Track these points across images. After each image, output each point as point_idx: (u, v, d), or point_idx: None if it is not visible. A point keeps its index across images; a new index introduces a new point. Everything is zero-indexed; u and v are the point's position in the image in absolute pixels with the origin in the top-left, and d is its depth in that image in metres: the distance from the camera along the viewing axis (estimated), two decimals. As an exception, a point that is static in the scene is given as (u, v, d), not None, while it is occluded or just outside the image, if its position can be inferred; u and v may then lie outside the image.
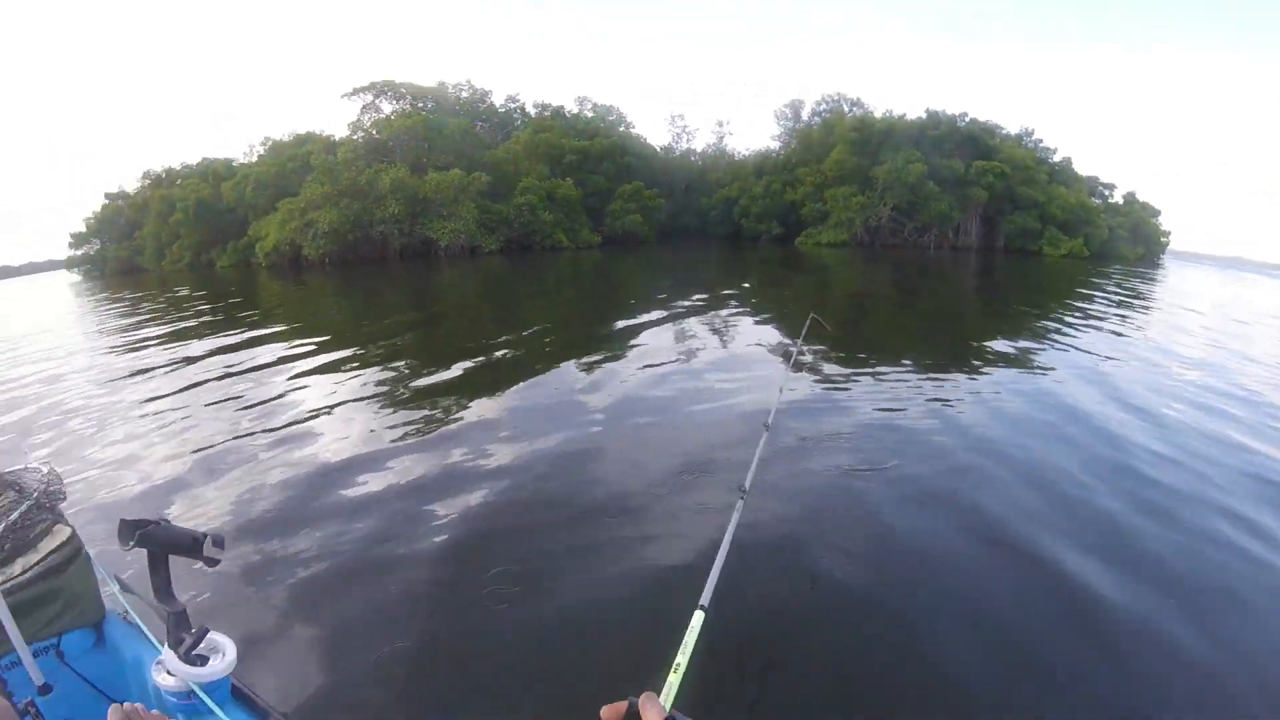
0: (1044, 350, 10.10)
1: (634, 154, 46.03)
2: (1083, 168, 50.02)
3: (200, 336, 12.98)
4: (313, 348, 10.96)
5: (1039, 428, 6.14)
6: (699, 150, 53.71)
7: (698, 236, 47.89)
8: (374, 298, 20.74)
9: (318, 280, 27.86)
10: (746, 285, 18.94)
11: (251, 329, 13.73)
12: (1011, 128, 49.13)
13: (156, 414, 7.54)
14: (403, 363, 9.33)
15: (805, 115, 53.43)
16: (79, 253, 51.16)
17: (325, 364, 9.59)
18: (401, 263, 33.76)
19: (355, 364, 9.43)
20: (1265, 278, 45.88)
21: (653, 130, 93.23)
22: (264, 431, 6.41)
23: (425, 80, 44.33)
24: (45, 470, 2.35)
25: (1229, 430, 6.21)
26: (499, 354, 9.53)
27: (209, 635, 1.70)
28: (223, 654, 1.68)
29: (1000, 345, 10.47)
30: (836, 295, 18.59)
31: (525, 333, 11.44)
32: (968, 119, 46.70)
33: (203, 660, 1.65)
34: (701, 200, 48.17)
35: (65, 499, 2.33)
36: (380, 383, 8.19)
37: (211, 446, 6.02)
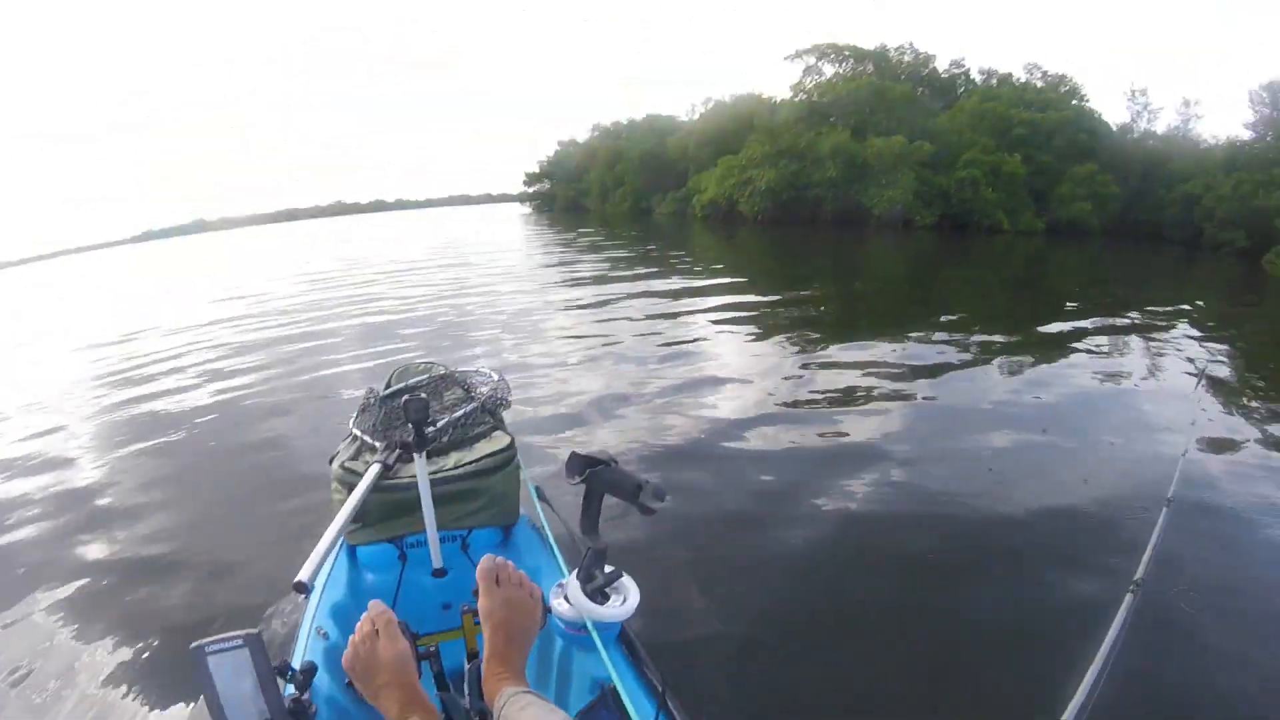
0: None
1: (1088, 130, 42.01)
2: None
3: (647, 278, 15.00)
4: (737, 300, 11.90)
5: None
6: (1159, 132, 46.19)
7: (1149, 236, 41.33)
8: (802, 260, 21.35)
9: (749, 235, 29.17)
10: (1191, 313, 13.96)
11: (685, 277, 15.55)
12: None
13: (599, 344, 8.85)
14: (817, 332, 9.67)
15: (1293, 99, 42.94)
16: (531, 189, 59.88)
17: (744, 317, 10.34)
18: (832, 227, 34.18)
19: (774, 324, 10.05)
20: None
21: (1108, 105, 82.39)
22: (680, 380, 7.13)
23: (867, 43, 43.78)
24: (496, 378, 2.47)
25: None
26: (921, 341, 9.30)
27: (621, 579, 1.69)
28: (625, 598, 1.66)
29: None
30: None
31: (950, 323, 10.78)
32: None
33: (604, 598, 1.65)
34: (1159, 193, 41.65)
35: (509, 407, 2.41)
36: (790, 346, 8.71)
37: (637, 387, 6.82)
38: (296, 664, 1.39)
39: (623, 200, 48.47)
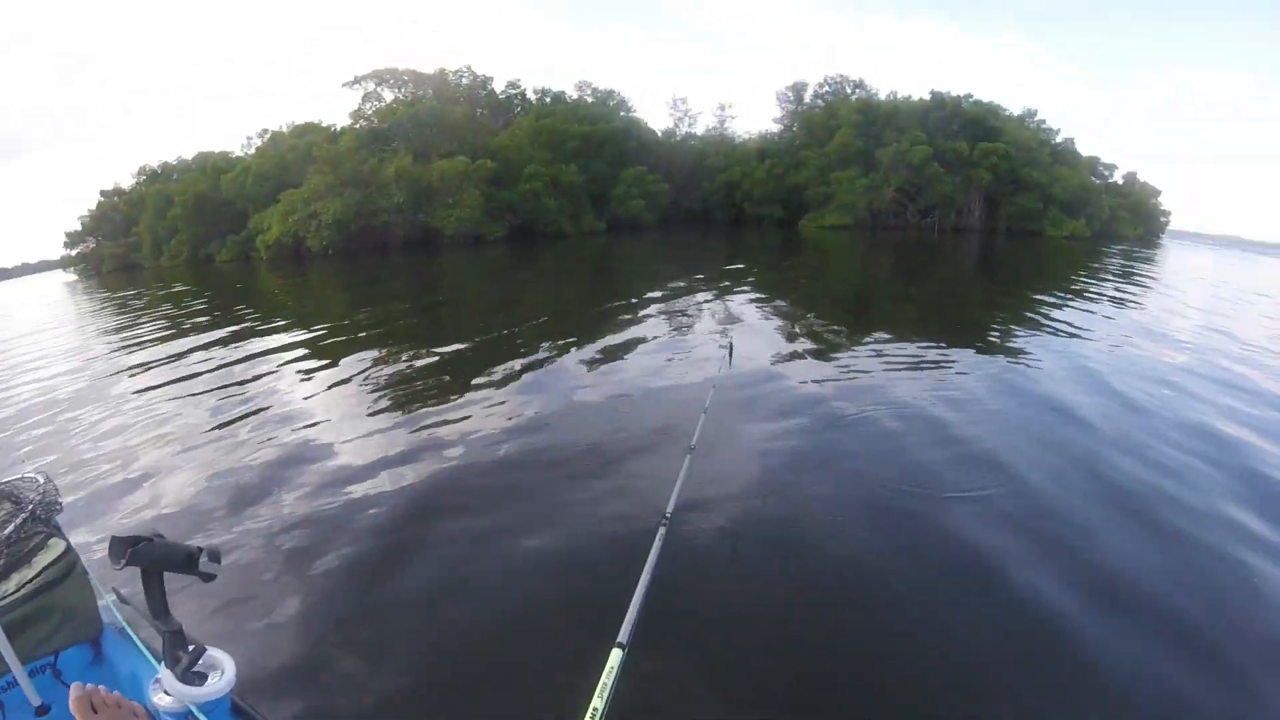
0: (1036, 335, 10.28)
1: (636, 139, 47.69)
2: (1084, 148, 50.68)
3: (199, 331, 13.61)
4: (312, 338, 11.64)
5: (1005, 414, 6.28)
6: (700, 134, 53.96)
7: (699, 221, 49.20)
8: (377, 288, 21.35)
9: (321, 272, 28.58)
10: (746, 270, 19.01)
11: (252, 322, 14.49)
12: (1014, 109, 50.30)
13: (149, 412, 7.88)
14: (397, 352, 9.84)
15: (808, 98, 54.39)
16: (74, 252, 51.13)
17: (322, 353, 10.19)
18: (405, 252, 34.70)
19: (351, 353, 9.96)
20: (1262, 256, 47.26)
21: (654, 114, 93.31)
22: (262, 430, 6.75)
23: (425, 68, 44.71)
24: (42, 480, 2.31)
25: (1212, 420, 6.26)
26: (494, 344, 9.96)
27: (208, 653, 1.69)
28: (221, 671, 1.68)
29: (994, 331, 10.83)
30: (838, 277, 19.78)
31: (525, 323, 11.71)
32: (971, 100, 48.54)
33: (201, 679, 1.65)
34: (703, 184, 49.12)
35: (61, 510, 2.27)
36: (371, 372, 8.75)
37: (204, 444, 6.38)
38: None
39: (179, 251, 43.06)
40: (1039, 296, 14.67)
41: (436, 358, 9.26)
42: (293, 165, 39.33)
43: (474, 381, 7.73)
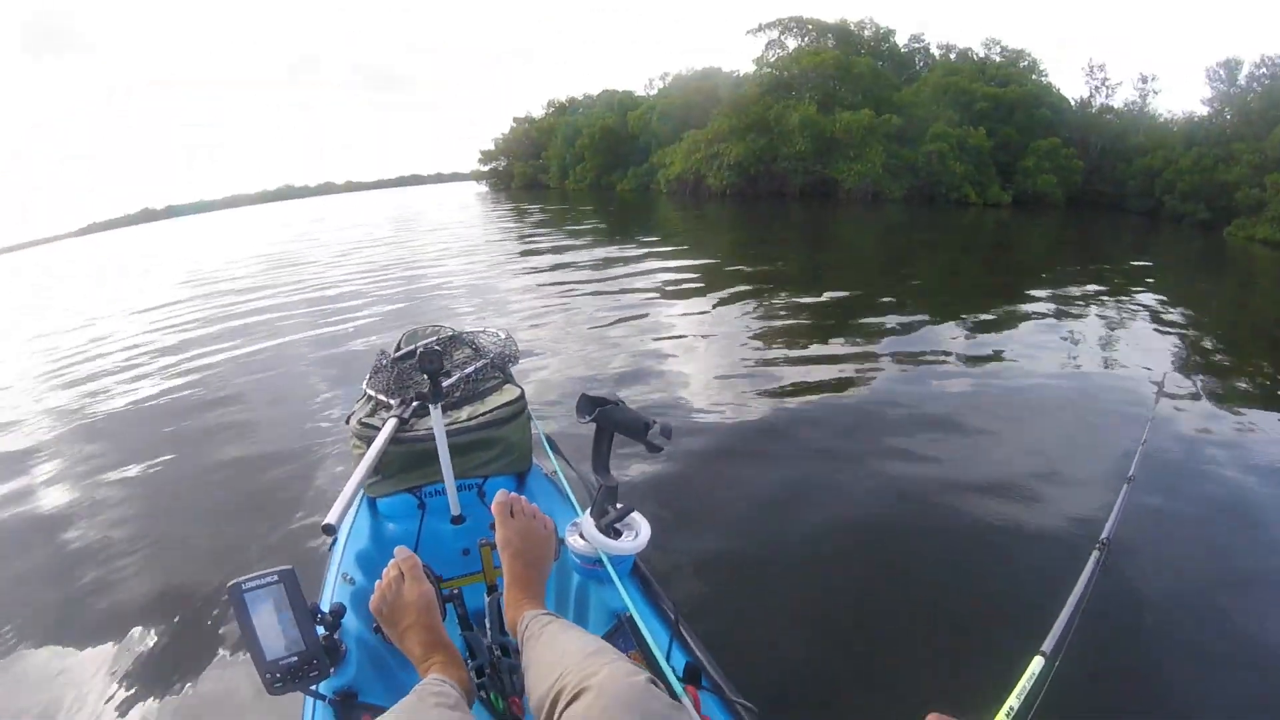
0: None
1: (1048, 106, 44.36)
2: None
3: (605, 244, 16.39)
4: (708, 275, 12.28)
5: None
6: (1117, 107, 47.96)
7: (1110, 208, 43.78)
8: (770, 231, 22.15)
9: (717, 210, 29.87)
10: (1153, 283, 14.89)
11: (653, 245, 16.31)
12: None
13: (589, 312, 9.41)
14: (782, 304, 10.15)
15: (1242, 79, 45.61)
16: (486, 168, 59.18)
17: (716, 291, 10.76)
18: (801, 201, 35.22)
19: (733, 286, 10.96)
20: None
21: (1067, 80, 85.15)
22: (664, 344, 7.70)
23: (827, 17, 44.94)
24: (504, 336, 2.69)
25: None
26: (881, 318, 9.50)
27: (632, 515, 1.81)
28: (636, 533, 1.77)
29: None
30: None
31: (921, 298, 11.25)
32: None
33: (616, 535, 1.75)
34: (1119, 166, 43.93)
35: (518, 363, 2.62)
36: (763, 318, 9.29)
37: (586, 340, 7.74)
38: (325, 607, 1.48)
39: (584, 176, 48.36)
40: None
41: (816, 311, 9.71)
42: (696, 107, 41.94)
43: (851, 341, 8.08)
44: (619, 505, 1.79)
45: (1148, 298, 12.85)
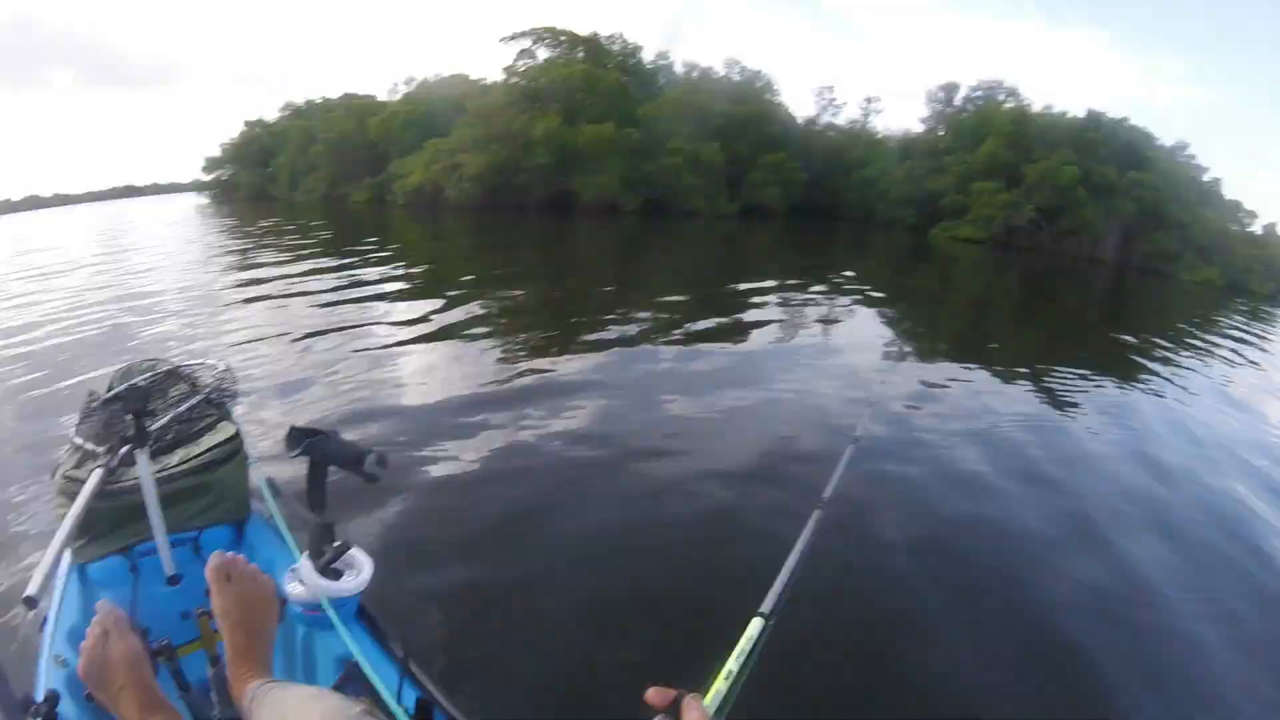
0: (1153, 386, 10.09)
1: (779, 123, 49.55)
2: (1229, 191, 48.53)
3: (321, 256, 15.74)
4: (442, 293, 11.91)
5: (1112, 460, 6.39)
6: (842, 125, 53.41)
7: (828, 216, 50.28)
8: (510, 243, 22.44)
9: (455, 224, 29.61)
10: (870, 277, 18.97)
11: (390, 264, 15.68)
12: (1165, 139, 47.46)
13: (307, 335, 8.90)
14: (514, 314, 10.58)
15: (958, 100, 53.19)
16: (209, 177, 54.16)
17: (449, 311, 10.57)
18: (540, 213, 36.05)
19: (474, 300, 11.08)
20: None
21: (798, 99, 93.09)
22: (390, 367, 7.57)
23: (579, 29, 46.90)
24: (221, 368, 2.58)
25: None
26: (617, 317, 10.25)
27: (351, 551, 1.79)
28: (358, 572, 1.77)
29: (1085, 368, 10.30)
30: (967, 297, 19.93)
31: (657, 299, 12.21)
32: (1126, 124, 48.25)
33: (337, 575, 1.74)
34: (838, 178, 50.32)
35: (236, 399, 2.50)
36: (498, 338, 9.17)
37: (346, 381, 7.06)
38: (39, 695, 1.40)
39: (315, 187, 45.50)
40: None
41: (553, 320, 10.13)
42: (440, 115, 41.58)
43: (591, 340, 8.71)
44: (336, 543, 1.73)
45: (861, 289, 15.60)
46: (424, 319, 9.96)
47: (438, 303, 10.93)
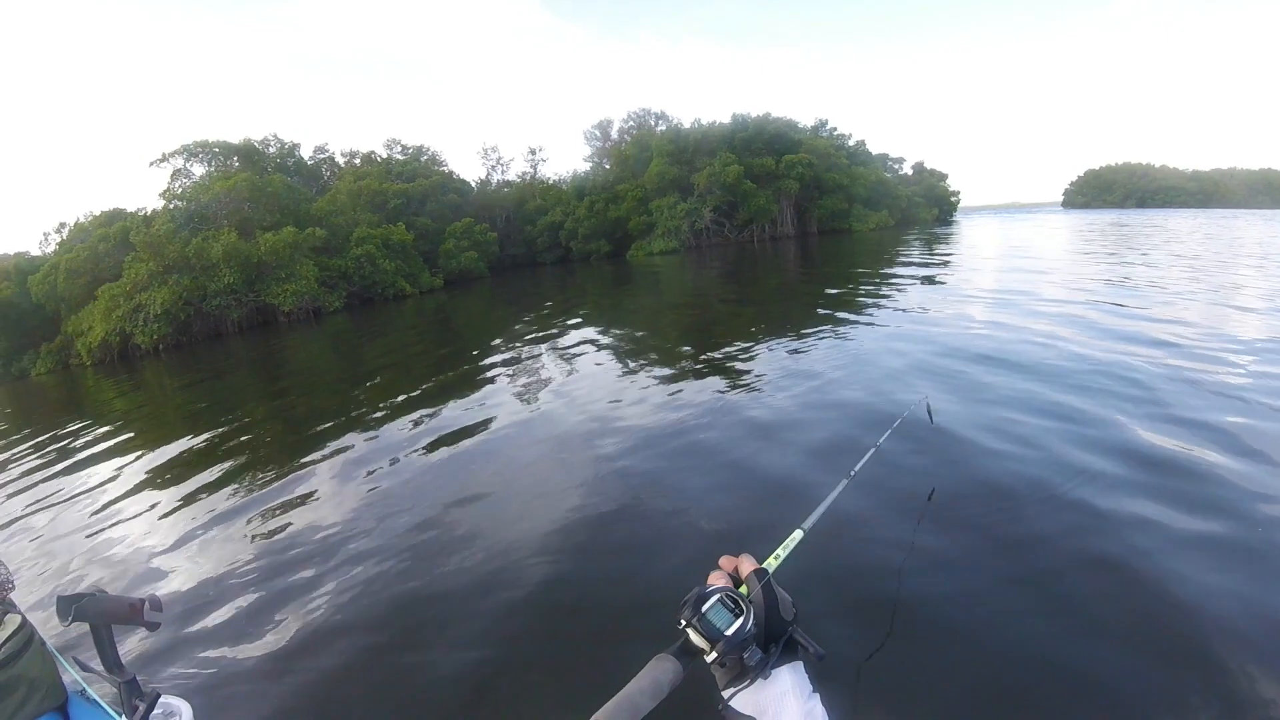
0: (847, 319, 12.93)
1: (455, 191, 54.16)
2: (875, 147, 60.31)
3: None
4: (162, 449, 10.90)
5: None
6: (514, 180, 59.75)
7: (528, 265, 55.50)
8: (219, 377, 20.97)
9: (154, 371, 27.75)
10: (583, 311, 20.57)
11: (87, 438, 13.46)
12: (808, 121, 58.88)
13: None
14: (243, 453, 9.70)
15: (615, 134, 60.46)
16: None
17: (180, 463, 9.80)
18: (243, 336, 35.49)
19: (205, 460, 9.72)
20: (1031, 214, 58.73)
21: (465, 164, 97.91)
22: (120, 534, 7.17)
23: (230, 137, 48.62)
24: None
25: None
26: (350, 425, 9.93)
27: (162, 699, 1.88)
28: (178, 717, 1.90)
29: (819, 320, 13.31)
30: (671, 301, 22.68)
31: (385, 396, 11.80)
32: (772, 118, 56.91)
33: None
34: (526, 229, 55.96)
35: (14, 588, 2.42)
36: (216, 476, 8.59)
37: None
38: None
39: (-12, 369, 41.56)
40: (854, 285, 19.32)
41: (291, 450, 9.36)
42: (106, 257, 40.04)
43: (339, 456, 8.27)
44: (145, 696, 1.79)
45: (582, 323, 17.17)
46: (154, 483, 8.92)
47: (160, 455, 10.26)
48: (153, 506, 7.91)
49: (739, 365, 9.89)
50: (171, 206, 42.56)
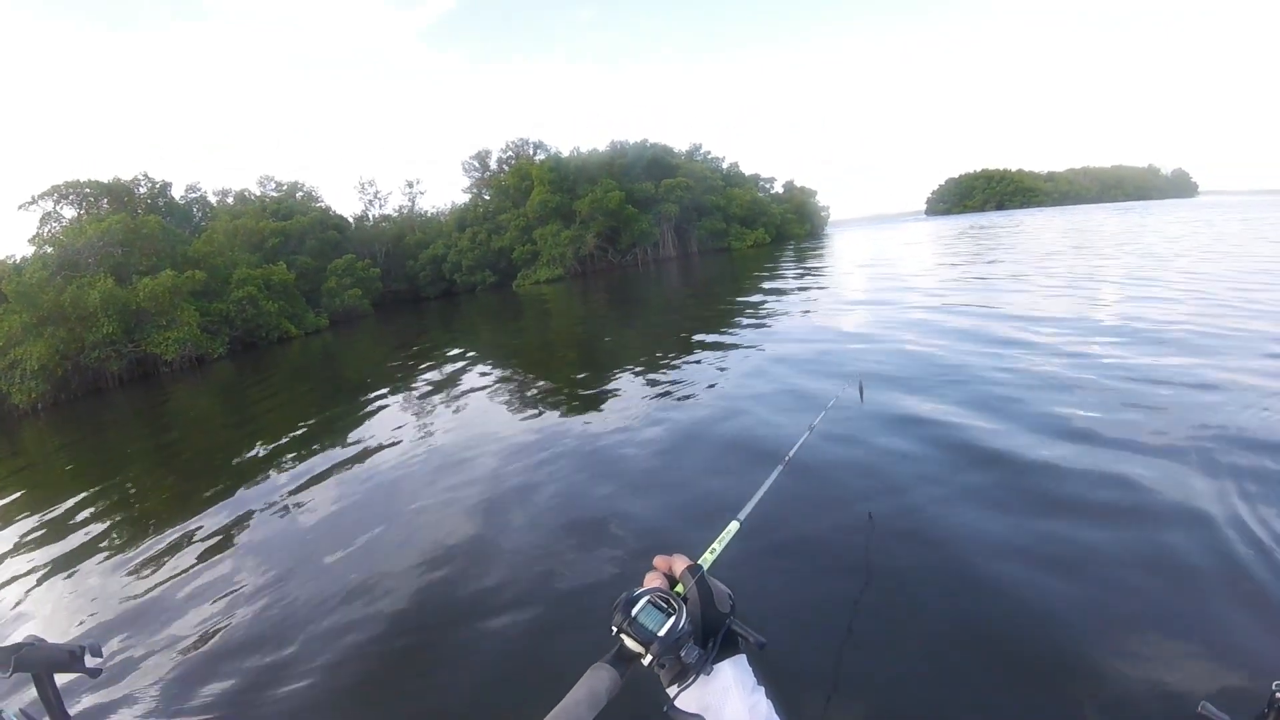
0: (736, 329, 15.03)
1: (334, 227, 55.04)
2: (746, 168, 66.21)
3: None
4: (45, 512, 10.60)
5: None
6: (392, 214, 63.25)
7: (411, 300, 57.05)
8: (105, 435, 20.46)
9: (33, 431, 26.22)
10: (470, 347, 20.97)
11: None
12: (682, 145, 65.16)
13: None
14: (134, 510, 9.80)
15: (493, 164, 63.36)
16: None
17: (49, 529, 9.56)
18: (125, 389, 34.93)
19: (96, 519, 9.65)
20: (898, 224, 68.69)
21: (341, 200, 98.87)
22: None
23: (99, 176, 48.32)
24: None
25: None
26: (232, 475, 10.13)
27: None
28: None
29: (707, 334, 15.04)
30: (561, 328, 24.60)
31: (281, 442, 11.93)
32: (649, 144, 62.39)
33: None
34: (408, 263, 58.70)
35: None
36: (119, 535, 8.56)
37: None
38: None
39: None
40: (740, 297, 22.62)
41: (173, 502, 9.66)
42: None
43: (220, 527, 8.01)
44: None
45: (470, 358, 17.97)
46: (41, 548, 8.71)
47: (41, 530, 9.59)
48: (30, 568, 7.99)
49: (658, 379, 11.07)
50: (43, 252, 41.27)
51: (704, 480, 6.40)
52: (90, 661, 1.68)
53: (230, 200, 55.97)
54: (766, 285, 25.30)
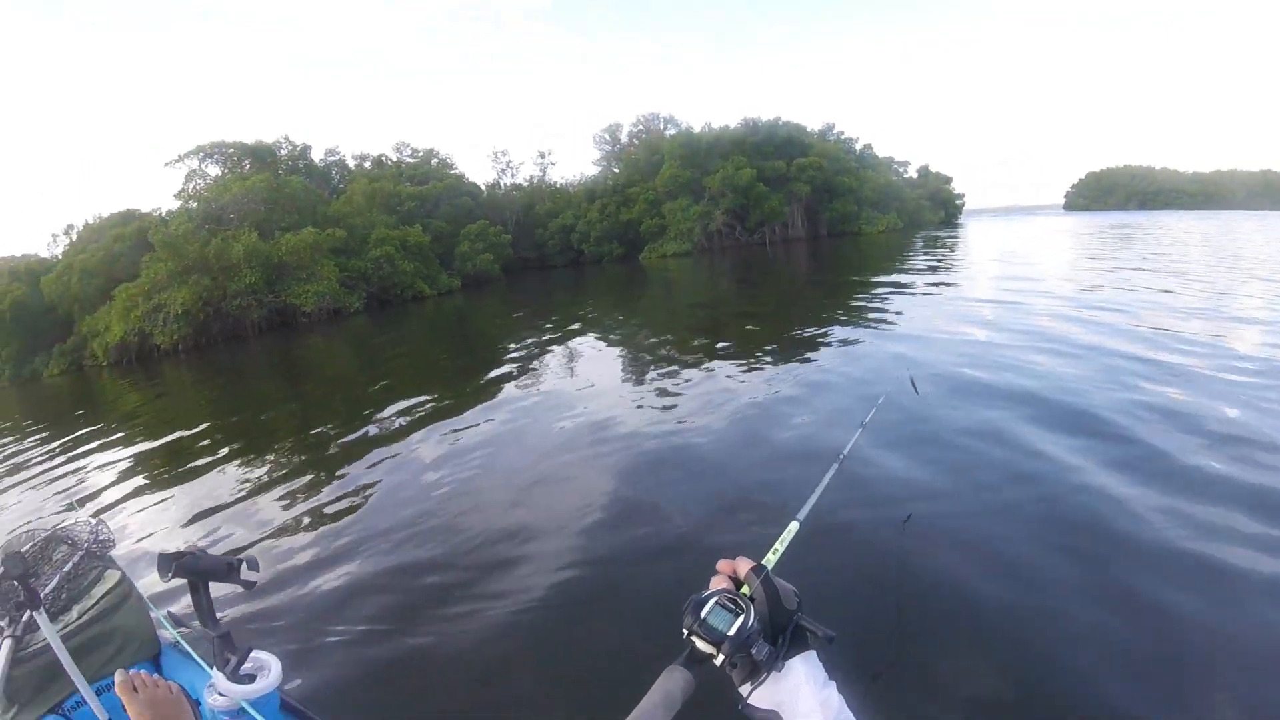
0: (858, 322, 13.70)
1: (467, 194, 55.92)
2: (881, 150, 62.85)
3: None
4: (187, 456, 10.54)
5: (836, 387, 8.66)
6: (523, 184, 61.23)
7: (539, 267, 57.22)
8: (243, 379, 21.16)
9: (174, 371, 27.60)
10: (593, 312, 22.21)
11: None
12: (815, 125, 61.03)
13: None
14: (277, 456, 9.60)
15: (624, 138, 61.72)
16: None
17: (203, 474, 9.36)
18: (264, 336, 36.45)
19: (260, 447, 10.17)
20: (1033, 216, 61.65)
21: (474, 168, 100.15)
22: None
23: (244, 138, 51.67)
24: (94, 522, 2.69)
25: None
26: (371, 429, 9.99)
27: (253, 654, 2.01)
28: (268, 670, 1.99)
29: (836, 325, 13.74)
30: (682, 302, 24.55)
31: (408, 400, 11.68)
32: (782, 122, 58.45)
33: (250, 678, 1.95)
34: (536, 231, 58.89)
35: (114, 545, 2.64)
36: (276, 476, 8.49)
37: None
38: None
39: (1, 369, 42.05)
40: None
41: (312, 453, 9.46)
42: (122, 257, 40.52)
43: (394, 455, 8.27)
44: (238, 650, 1.95)
45: (596, 326, 17.92)
46: (175, 482, 8.89)
47: (183, 467, 9.67)
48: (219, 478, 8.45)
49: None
50: (189, 207, 43.45)
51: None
52: (246, 574, 1.84)
53: (368, 165, 57.30)
54: (900, 274, 23.70)
